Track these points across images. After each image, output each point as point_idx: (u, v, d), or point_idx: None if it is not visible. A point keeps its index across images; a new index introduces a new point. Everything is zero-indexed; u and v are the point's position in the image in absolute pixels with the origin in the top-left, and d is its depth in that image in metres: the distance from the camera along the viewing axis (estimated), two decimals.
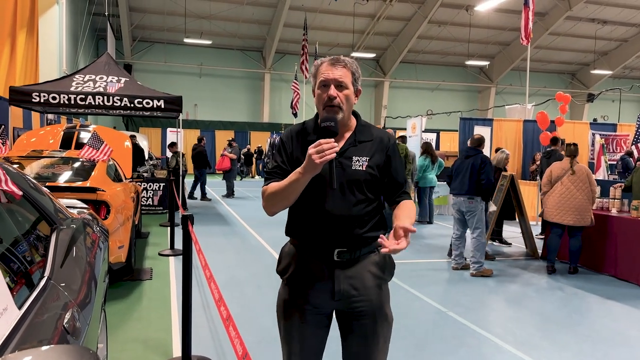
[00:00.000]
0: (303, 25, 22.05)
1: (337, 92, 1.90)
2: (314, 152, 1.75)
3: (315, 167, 1.77)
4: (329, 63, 1.93)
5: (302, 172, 1.81)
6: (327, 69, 1.92)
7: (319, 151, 1.74)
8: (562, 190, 6.27)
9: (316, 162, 1.74)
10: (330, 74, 1.90)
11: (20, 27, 11.27)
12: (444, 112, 25.87)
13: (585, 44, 30.92)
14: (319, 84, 1.93)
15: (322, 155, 1.74)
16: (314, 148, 1.75)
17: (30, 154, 6.13)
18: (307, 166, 1.78)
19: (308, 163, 1.77)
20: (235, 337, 1.79)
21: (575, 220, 6.21)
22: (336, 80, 1.90)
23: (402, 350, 3.86)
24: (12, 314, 1.33)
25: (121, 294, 5.14)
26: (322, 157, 1.74)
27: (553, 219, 6.37)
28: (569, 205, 6.22)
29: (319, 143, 1.75)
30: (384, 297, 2.02)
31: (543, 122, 10.49)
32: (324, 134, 1.83)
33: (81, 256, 2.32)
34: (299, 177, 1.82)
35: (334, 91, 1.89)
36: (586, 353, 3.91)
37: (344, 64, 1.93)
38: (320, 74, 1.94)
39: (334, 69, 1.91)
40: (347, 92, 1.92)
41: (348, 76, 1.92)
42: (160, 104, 9.26)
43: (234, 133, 27.73)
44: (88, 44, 22.43)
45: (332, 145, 1.75)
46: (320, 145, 1.74)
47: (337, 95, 1.90)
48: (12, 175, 1.88)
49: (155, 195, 11.08)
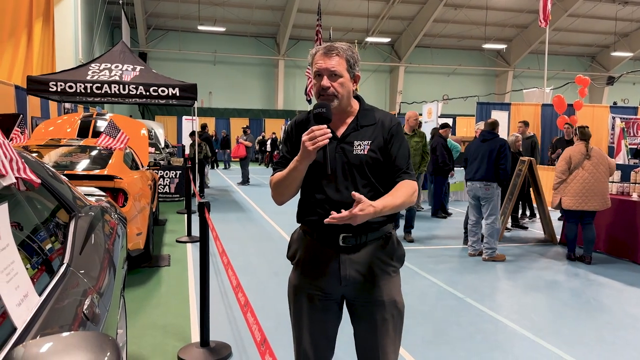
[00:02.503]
0: (317, 11, 21.87)
1: (331, 82, 1.89)
2: (307, 139, 1.78)
3: (310, 154, 1.80)
4: (322, 52, 1.92)
5: (299, 159, 1.84)
6: (320, 59, 1.91)
7: (311, 138, 1.76)
8: (585, 176, 6.01)
9: (309, 149, 1.77)
10: (323, 63, 1.89)
11: (36, 17, 11.35)
12: (461, 96, 25.54)
13: (606, 26, 30.22)
14: (314, 73, 1.94)
15: (315, 141, 1.76)
16: (307, 135, 1.78)
17: (48, 142, 6.20)
18: (302, 153, 1.82)
19: (302, 150, 1.81)
20: (254, 323, 1.80)
21: (600, 205, 6.02)
22: (329, 70, 1.89)
23: (419, 336, 3.86)
24: (33, 300, 1.35)
25: (140, 280, 5.21)
26: (315, 144, 1.76)
27: (577, 207, 6.05)
28: (594, 191, 6.00)
29: (311, 130, 1.78)
30: (393, 284, 2.00)
31: (560, 105, 10.31)
32: (317, 121, 1.84)
33: (100, 243, 2.35)
34: (296, 165, 1.86)
35: (326, 81, 1.89)
36: (606, 340, 3.87)
37: (337, 52, 1.90)
38: (314, 64, 1.93)
39: (327, 58, 1.90)
40: (342, 80, 1.91)
41: (342, 64, 1.90)
42: (176, 92, 9.28)
43: (249, 120, 27.76)
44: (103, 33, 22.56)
45: (325, 132, 1.76)
46: (312, 132, 1.76)
47: (331, 85, 1.89)
48: (30, 164, 1.90)
49: (172, 182, 11.17)
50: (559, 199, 6.19)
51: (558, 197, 6.22)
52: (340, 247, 1.95)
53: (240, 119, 27.87)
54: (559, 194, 6.21)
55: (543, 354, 3.57)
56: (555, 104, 10.36)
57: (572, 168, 6.12)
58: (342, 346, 3.12)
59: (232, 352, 3.52)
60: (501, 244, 7.05)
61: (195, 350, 3.47)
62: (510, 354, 3.57)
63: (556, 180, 6.22)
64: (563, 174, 6.16)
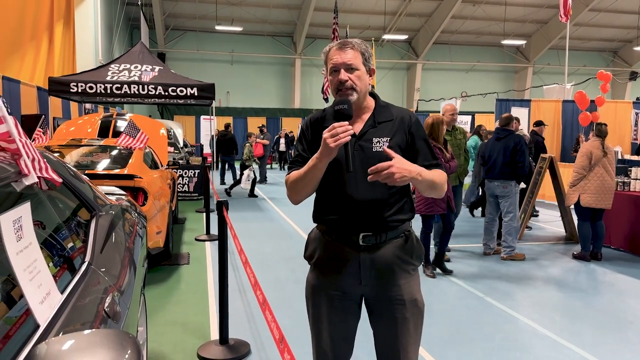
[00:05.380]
0: (333, 9, 21.82)
1: (348, 75, 1.88)
2: (328, 135, 1.74)
3: (331, 152, 1.77)
4: (337, 48, 1.91)
5: (318, 157, 1.81)
6: (336, 54, 1.90)
7: (333, 135, 1.73)
8: (603, 174, 5.92)
9: (331, 146, 1.74)
10: (339, 58, 1.88)
11: (57, 20, 11.54)
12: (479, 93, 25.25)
13: (628, 20, 29.59)
14: (330, 70, 1.92)
15: (337, 138, 1.73)
16: (328, 132, 1.75)
17: (69, 142, 6.30)
18: (323, 151, 1.78)
19: (323, 147, 1.77)
20: (272, 320, 1.80)
21: (611, 203, 5.98)
22: (345, 63, 1.88)
23: (437, 336, 3.83)
24: (55, 298, 1.37)
25: (160, 278, 5.26)
26: (337, 141, 1.73)
27: (596, 204, 5.95)
28: (608, 189, 5.93)
29: (332, 127, 1.75)
30: (413, 282, 1.99)
31: (582, 102, 10.11)
32: (338, 117, 1.81)
33: (120, 242, 2.37)
34: (316, 162, 1.82)
35: (344, 74, 1.87)
36: (631, 340, 3.79)
37: (352, 46, 1.90)
38: (329, 60, 1.92)
39: (342, 52, 1.89)
40: (359, 72, 1.90)
41: (358, 57, 1.90)
42: (194, 91, 9.36)
43: (266, 119, 27.84)
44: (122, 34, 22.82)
45: (347, 128, 1.74)
46: (334, 129, 1.74)
47: (349, 78, 1.88)
48: (52, 164, 1.93)
49: (191, 182, 11.26)
50: (577, 196, 6.04)
51: (576, 194, 6.05)
52: (360, 246, 1.93)
53: (257, 118, 27.95)
54: (578, 191, 6.05)
55: (565, 354, 3.51)
56: (577, 100, 10.17)
57: (592, 164, 5.99)
58: (360, 345, 3.10)
59: (250, 349, 3.53)
60: (522, 243, 6.96)
61: (215, 347, 3.49)
62: (531, 354, 3.52)
63: (576, 176, 6.07)
64: (584, 170, 6.02)
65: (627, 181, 6.70)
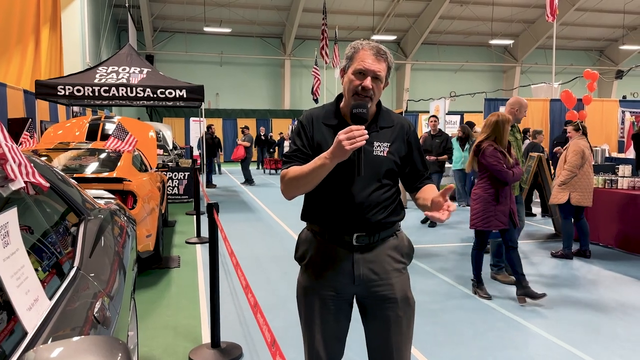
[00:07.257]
0: (322, 10, 21.85)
1: (373, 84, 1.88)
2: (345, 137, 1.70)
3: (345, 153, 1.74)
4: (372, 53, 1.88)
5: (328, 157, 1.77)
6: (369, 58, 1.87)
7: (350, 137, 1.70)
8: (590, 172, 6.01)
9: (346, 149, 1.70)
10: (372, 65, 1.87)
11: (43, 22, 11.43)
12: (468, 93, 25.38)
13: (614, 19, 29.92)
14: (356, 69, 1.89)
15: (354, 141, 1.70)
16: (345, 134, 1.71)
17: (57, 146, 6.23)
18: (335, 152, 1.74)
19: (337, 149, 1.73)
20: (264, 323, 1.79)
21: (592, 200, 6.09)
22: (375, 72, 1.87)
23: (431, 335, 3.83)
24: (43, 305, 1.35)
25: (150, 282, 5.22)
26: (353, 144, 1.70)
27: (586, 203, 6.00)
28: (592, 186, 6.06)
29: (350, 129, 1.71)
30: (405, 281, 2.02)
31: (568, 100, 10.17)
32: (355, 121, 1.79)
33: (110, 246, 2.35)
34: (324, 162, 1.78)
35: (370, 82, 1.87)
36: (621, 337, 3.82)
37: (386, 58, 1.91)
38: (359, 60, 1.89)
39: (377, 61, 1.88)
40: (381, 85, 1.91)
41: (385, 70, 1.91)
42: (183, 93, 9.31)
43: (256, 121, 27.78)
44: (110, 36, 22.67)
45: (363, 132, 1.72)
46: (351, 132, 1.71)
47: (372, 87, 1.88)
48: (39, 168, 1.90)
49: (180, 184, 11.21)
50: (567, 195, 6.04)
51: (566, 193, 6.01)
52: (354, 246, 1.94)
53: (247, 120, 27.86)
54: (568, 189, 6.04)
55: (557, 352, 3.54)
56: (563, 99, 10.25)
57: (582, 163, 6.00)
58: (351, 345, 3.10)
59: (242, 352, 3.52)
60: None
61: (207, 351, 3.47)
62: (524, 352, 3.54)
63: (568, 175, 6.02)
64: (577, 169, 6.00)
65: (615, 179, 6.77)
